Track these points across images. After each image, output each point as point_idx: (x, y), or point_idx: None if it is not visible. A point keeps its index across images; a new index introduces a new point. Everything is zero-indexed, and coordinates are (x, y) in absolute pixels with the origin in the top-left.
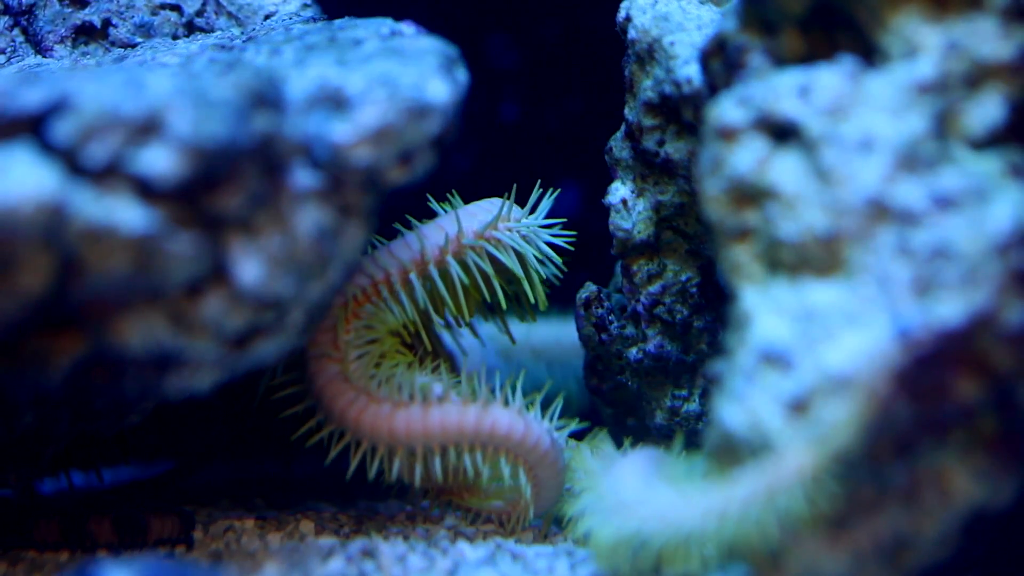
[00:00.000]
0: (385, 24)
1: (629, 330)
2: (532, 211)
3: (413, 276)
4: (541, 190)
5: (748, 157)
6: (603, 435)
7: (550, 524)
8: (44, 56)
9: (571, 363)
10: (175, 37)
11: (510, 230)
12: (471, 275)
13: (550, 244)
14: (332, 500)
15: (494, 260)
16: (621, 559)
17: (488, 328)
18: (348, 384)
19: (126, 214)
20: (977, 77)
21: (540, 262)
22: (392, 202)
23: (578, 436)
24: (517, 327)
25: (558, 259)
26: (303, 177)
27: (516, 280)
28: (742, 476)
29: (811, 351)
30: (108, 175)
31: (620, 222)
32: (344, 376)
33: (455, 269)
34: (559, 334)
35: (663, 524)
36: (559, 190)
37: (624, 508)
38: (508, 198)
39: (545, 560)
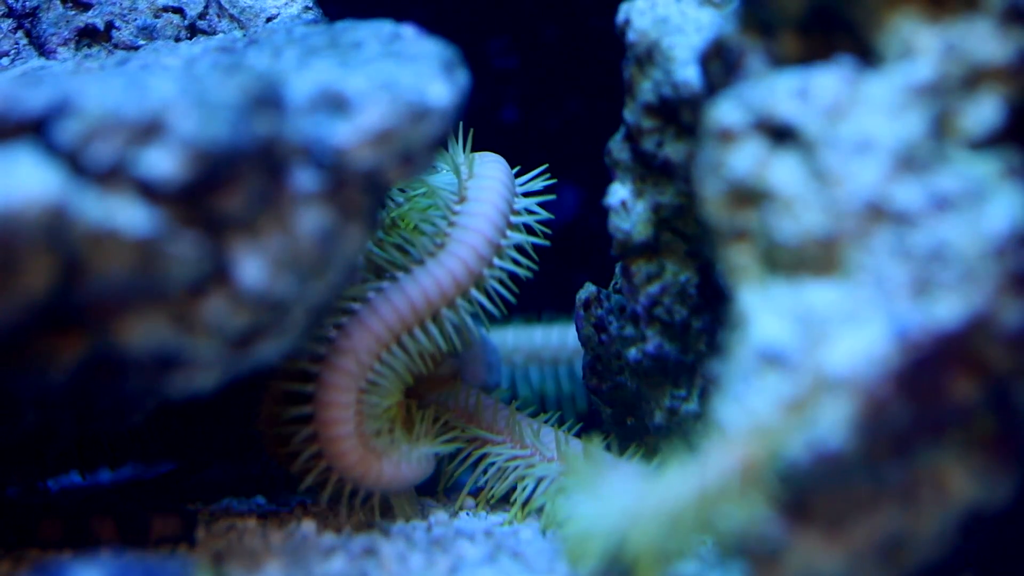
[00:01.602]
0: (386, 27)
1: (628, 330)
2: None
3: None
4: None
5: (747, 159)
6: (596, 440)
7: None
8: (47, 58)
9: (569, 364)
10: (177, 39)
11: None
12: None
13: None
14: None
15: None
16: (600, 559)
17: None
18: (354, 415)
19: (129, 216)
20: (975, 79)
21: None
22: None
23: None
24: (514, 333)
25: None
26: (305, 179)
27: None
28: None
29: (809, 352)
30: (111, 177)
31: (619, 223)
32: (356, 406)
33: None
34: (557, 336)
35: (630, 520)
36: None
37: (601, 509)
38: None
39: (545, 559)
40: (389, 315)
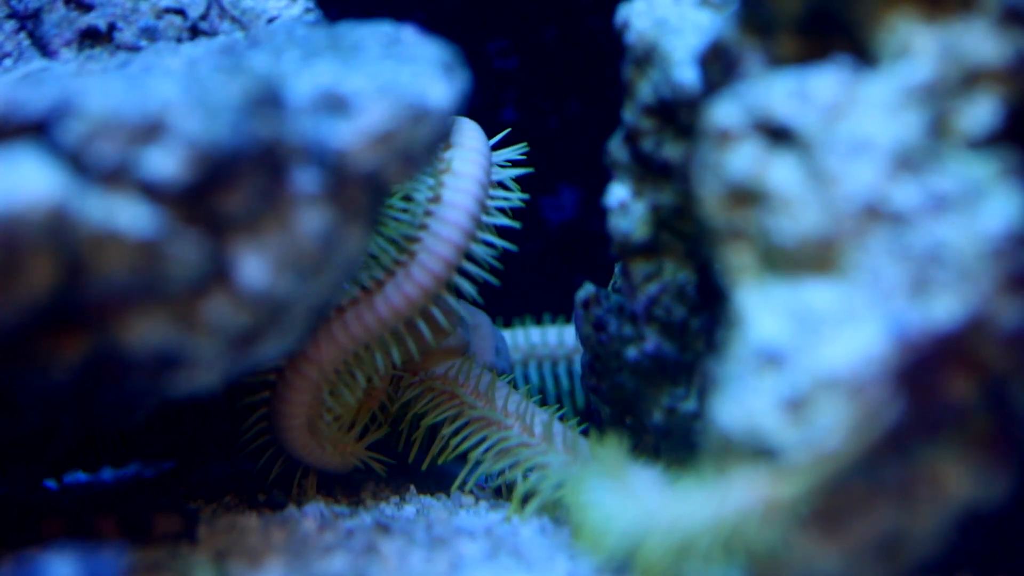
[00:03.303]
0: (386, 28)
1: (627, 330)
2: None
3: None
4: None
5: (745, 159)
6: (611, 438)
7: None
8: (50, 60)
9: (568, 361)
10: (179, 41)
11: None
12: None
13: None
14: (334, 495)
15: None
16: (610, 553)
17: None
18: (306, 410)
19: (131, 217)
20: (972, 80)
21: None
22: None
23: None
24: (512, 332)
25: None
26: (305, 180)
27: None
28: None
29: (807, 351)
30: (113, 178)
31: (618, 223)
32: (312, 402)
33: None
34: (555, 334)
35: (650, 524)
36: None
37: (626, 505)
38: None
39: (545, 557)
40: (358, 331)
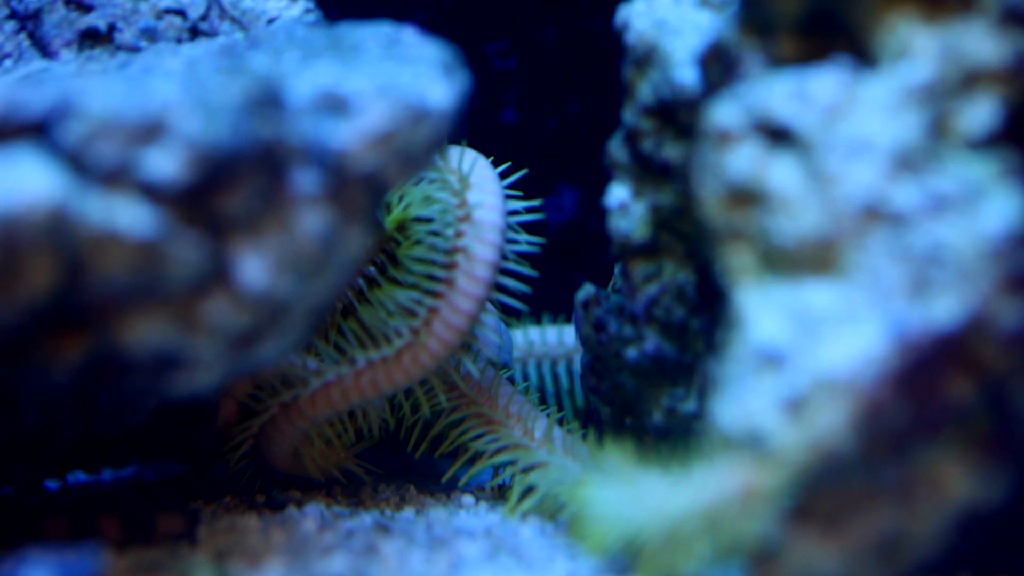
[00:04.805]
0: (386, 29)
1: (627, 330)
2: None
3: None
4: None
5: (745, 160)
6: (610, 442)
7: None
8: (50, 60)
9: (567, 360)
10: (179, 42)
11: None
12: None
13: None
14: (333, 495)
15: None
16: (608, 548)
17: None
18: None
19: (131, 217)
20: (972, 80)
21: None
22: None
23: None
24: (511, 330)
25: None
26: (305, 181)
27: None
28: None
29: (807, 352)
30: (113, 178)
31: (618, 224)
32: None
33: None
34: (555, 334)
35: (643, 517)
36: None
37: (626, 498)
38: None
39: (545, 558)
40: (354, 396)
